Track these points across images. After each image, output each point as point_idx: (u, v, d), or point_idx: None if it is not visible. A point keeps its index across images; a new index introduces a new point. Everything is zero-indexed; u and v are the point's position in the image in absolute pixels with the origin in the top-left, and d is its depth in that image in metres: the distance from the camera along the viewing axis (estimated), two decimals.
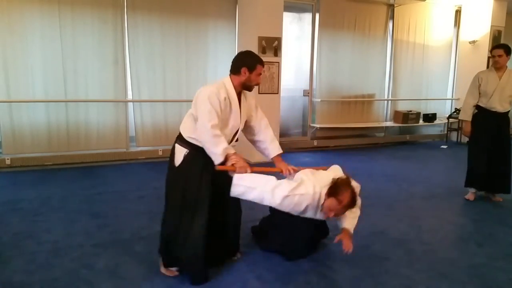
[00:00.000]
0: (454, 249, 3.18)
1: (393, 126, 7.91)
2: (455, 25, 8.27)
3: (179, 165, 2.62)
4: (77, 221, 3.55)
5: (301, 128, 7.30)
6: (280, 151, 2.86)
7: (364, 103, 7.59)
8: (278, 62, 5.94)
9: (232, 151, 2.56)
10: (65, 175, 5.08)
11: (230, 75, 2.73)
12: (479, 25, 7.73)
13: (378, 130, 7.94)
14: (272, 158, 2.87)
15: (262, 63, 2.70)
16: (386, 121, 7.90)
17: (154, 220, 3.61)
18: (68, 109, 5.44)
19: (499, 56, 4.10)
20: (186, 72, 6.04)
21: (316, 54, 7.01)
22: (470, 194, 4.42)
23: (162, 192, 4.50)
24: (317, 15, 6.92)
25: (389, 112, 7.92)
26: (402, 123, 7.69)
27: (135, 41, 5.69)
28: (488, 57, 7.66)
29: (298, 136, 7.26)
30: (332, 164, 3.07)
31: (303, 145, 7.07)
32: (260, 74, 2.71)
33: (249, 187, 2.51)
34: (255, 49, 5.73)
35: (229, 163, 2.52)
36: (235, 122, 2.69)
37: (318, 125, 7.10)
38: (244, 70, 2.65)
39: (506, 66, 4.20)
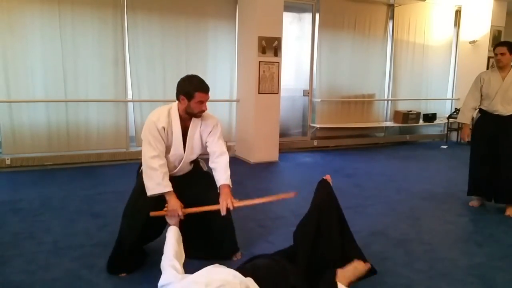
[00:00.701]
0: (454, 249, 3.18)
1: (393, 126, 7.91)
2: (455, 25, 8.27)
3: (139, 171, 2.71)
4: (77, 221, 3.55)
5: (301, 128, 7.30)
6: (225, 182, 2.61)
7: (364, 103, 7.59)
8: (278, 62, 5.94)
9: (166, 189, 2.51)
10: (65, 175, 5.08)
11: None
12: (479, 25, 7.73)
13: (378, 130, 7.95)
14: (219, 187, 2.63)
15: (202, 89, 2.51)
16: (386, 121, 7.90)
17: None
18: (68, 109, 5.44)
19: (502, 54, 3.80)
20: (186, 72, 5.81)
21: (316, 54, 7.00)
22: (475, 201, 4.21)
23: None
24: (317, 15, 6.92)
25: (389, 112, 7.92)
26: (402, 123, 7.68)
27: (135, 41, 5.69)
28: (488, 57, 7.66)
29: (298, 136, 7.26)
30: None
31: (303, 145, 7.07)
32: (202, 102, 2.53)
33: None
34: (255, 49, 5.74)
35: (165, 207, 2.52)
36: (177, 151, 2.64)
37: (318, 125, 7.10)
38: (182, 97, 2.53)
39: (511, 66, 3.88)
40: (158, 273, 2.65)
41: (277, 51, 5.89)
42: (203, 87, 2.53)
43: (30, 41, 5.13)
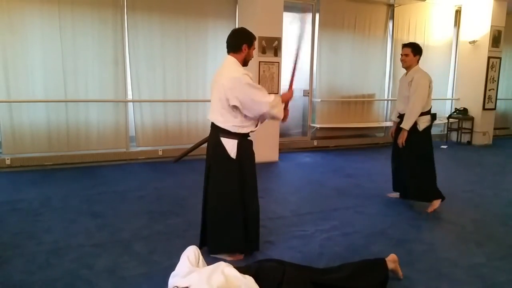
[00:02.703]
0: (454, 249, 3.18)
1: (393, 126, 7.89)
2: (455, 25, 8.27)
3: (237, 156, 2.78)
4: (77, 221, 3.55)
5: (301, 128, 7.31)
6: None
7: (364, 103, 7.59)
8: (278, 62, 5.94)
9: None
10: (65, 175, 5.08)
11: (231, 54, 2.81)
12: (479, 25, 7.73)
13: (378, 130, 7.94)
14: None
15: (255, 37, 2.89)
16: (386, 121, 7.89)
17: (154, 220, 3.62)
18: (68, 109, 5.44)
19: (406, 55, 3.99)
20: (186, 72, 6.04)
21: (316, 54, 7.01)
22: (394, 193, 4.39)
23: (162, 192, 4.53)
24: (317, 15, 6.93)
25: (389, 112, 7.91)
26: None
27: (135, 41, 5.69)
28: (488, 57, 7.66)
29: (298, 136, 7.26)
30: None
31: (303, 145, 7.07)
32: (255, 48, 2.90)
33: None
34: (255, 49, 5.74)
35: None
36: None
37: (318, 125, 7.10)
38: (245, 47, 2.78)
39: (417, 65, 4.04)
40: (157, 274, 2.66)
41: (277, 51, 5.89)
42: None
43: (30, 41, 5.13)
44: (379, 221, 3.73)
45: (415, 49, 4.00)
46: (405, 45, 4.09)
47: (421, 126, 3.96)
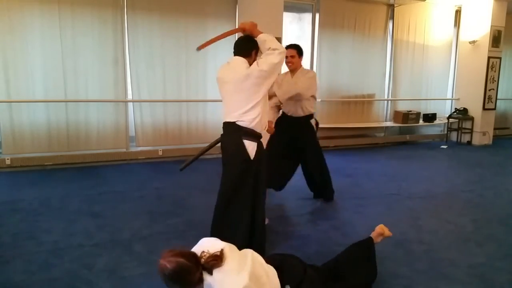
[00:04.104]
0: (454, 249, 3.18)
1: (393, 126, 7.91)
2: (455, 25, 8.27)
3: (254, 157, 2.76)
4: (77, 221, 3.55)
5: None
6: None
7: (364, 103, 7.59)
8: None
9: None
10: (65, 175, 5.08)
11: (238, 56, 2.82)
12: (479, 25, 7.72)
13: (378, 130, 7.94)
14: None
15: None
16: (386, 121, 7.90)
17: (154, 220, 3.62)
18: (68, 109, 5.44)
19: (292, 57, 3.87)
20: (186, 72, 6.03)
21: (316, 54, 7.01)
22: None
23: (162, 192, 4.53)
24: (317, 15, 6.93)
25: (389, 112, 7.92)
26: (402, 123, 7.68)
27: (135, 41, 5.69)
28: (488, 57, 7.66)
29: None
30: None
31: None
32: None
33: None
34: None
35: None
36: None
37: None
38: (254, 52, 2.84)
39: (301, 67, 4.00)
40: (157, 274, 2.66)
41: None
42: None
43: (30, 41, 5.13)
44: (379, 221, 3.71)
45: (299, 51, 3.94)
46: (290, 46, 3.92)
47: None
